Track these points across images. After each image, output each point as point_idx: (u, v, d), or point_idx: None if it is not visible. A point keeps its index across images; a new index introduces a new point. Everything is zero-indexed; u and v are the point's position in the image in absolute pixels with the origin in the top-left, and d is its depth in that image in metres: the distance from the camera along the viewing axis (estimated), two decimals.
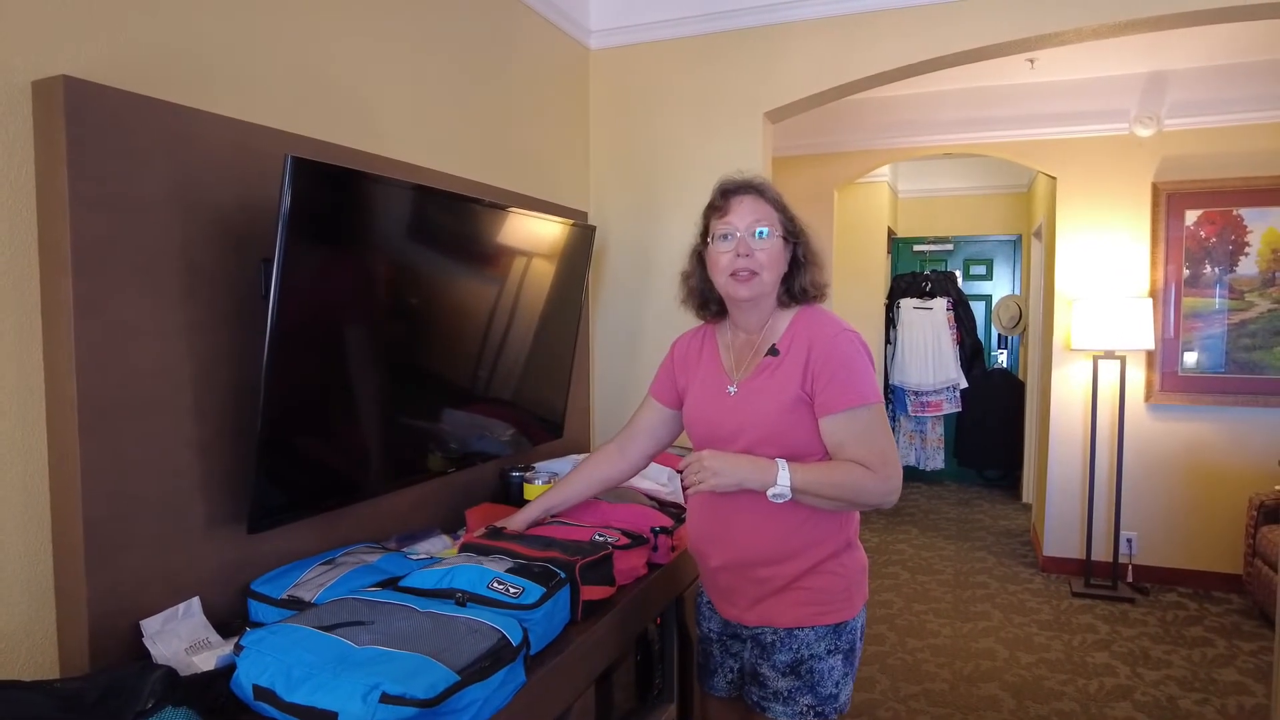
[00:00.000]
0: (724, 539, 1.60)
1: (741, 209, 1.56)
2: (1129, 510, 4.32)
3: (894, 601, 4.07)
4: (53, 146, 1.24)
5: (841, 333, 1.55)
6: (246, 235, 1.53)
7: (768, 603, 1.58)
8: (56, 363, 1.27)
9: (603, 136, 3.07)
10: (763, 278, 1.55)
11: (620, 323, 3.08)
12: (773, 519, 1.53)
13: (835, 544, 1.56)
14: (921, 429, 6.27)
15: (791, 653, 1.56)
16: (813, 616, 1.55)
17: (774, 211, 1.57)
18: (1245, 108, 4.06)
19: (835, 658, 1.57)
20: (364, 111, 1.94)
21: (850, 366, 1.51)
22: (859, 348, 1.54)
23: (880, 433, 1.51)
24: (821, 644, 1.56)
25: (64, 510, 1.29)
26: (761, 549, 1.55)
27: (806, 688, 1.56)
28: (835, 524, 1.56)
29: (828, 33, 2.74)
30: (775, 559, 1.55)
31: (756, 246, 1.54)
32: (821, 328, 1.56)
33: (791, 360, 1.54)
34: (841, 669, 1.58)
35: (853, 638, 1.59)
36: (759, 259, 1.54)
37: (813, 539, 1.54)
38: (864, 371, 1.52)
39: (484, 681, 1.18)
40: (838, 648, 1.57)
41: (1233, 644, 3.57)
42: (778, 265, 1.56)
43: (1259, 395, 4.09)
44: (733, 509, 1.57)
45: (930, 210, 6.98)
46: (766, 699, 1.58)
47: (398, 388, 1.85)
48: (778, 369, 1.55)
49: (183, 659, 1.32)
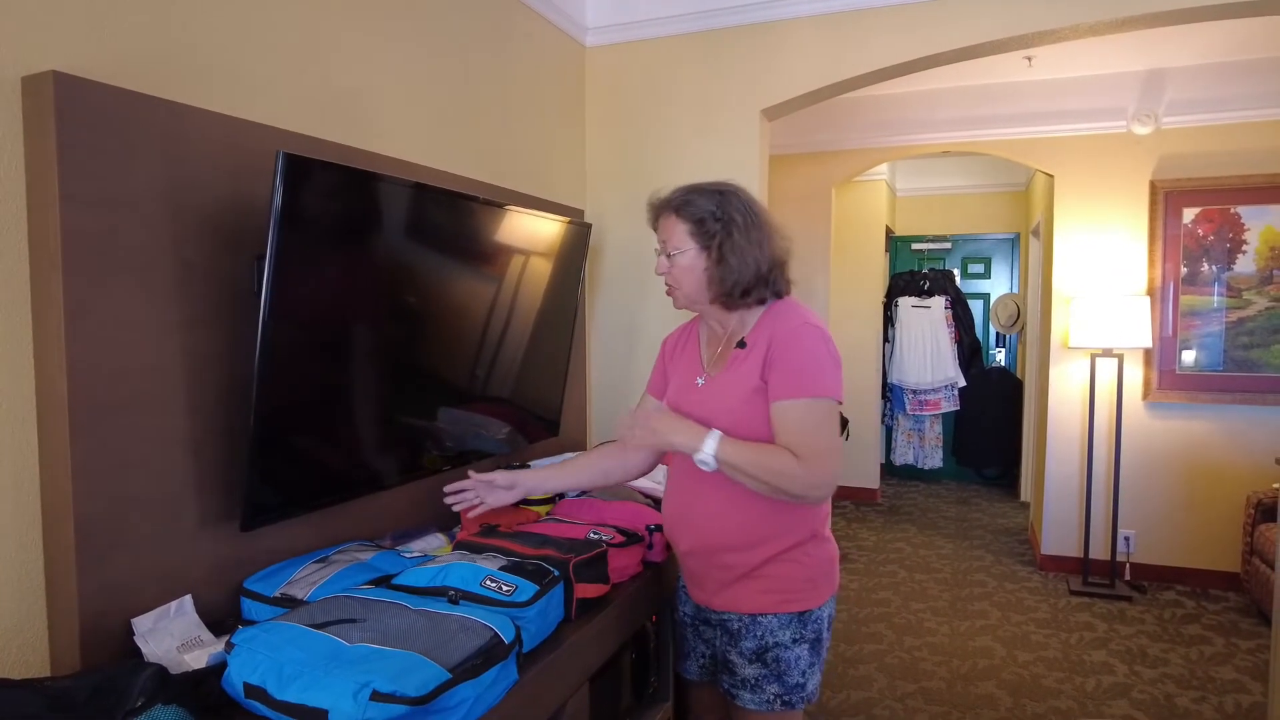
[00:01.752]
0: (691, 524, 1.65)
1: (661, 229, 1.66)
2: (1127, 508, 4.32)
3: (891, 600, 4.07)
4: (43, 143, 1.24)
5: (803, 325, 1.57)
6: (239, 232, 1.52)
7: (733, 588, 1.62)
8: (47, 360, 1.27)
9: (599, 134, 3.07)
10: (682, 291, 1.64)
11: (617, 320, 3.07)
12: (737, 506, 1.57)
13: (799, 534, 1.60)
14: (920, 427, 6.27)
15: (756, 640, 1.60)
16: (776, 604, 1.59)
17: (687, 226, 1.60)
18: (1243, 106, 4.06)
19: (801, 647, 1.60)
20: (358, 108, 1.94)
21: (805, 358, 1.53)
22: (819, 341, 1.56)
23: (821, 427, 1.52)
24: (786, 632, 1.59)
25: (55, 508, 1.28)
26: (726, 535, 1.60)
27: (773, 676, 1.59)
28: (799, 515, 1.59)
29: (824, 30, 2.74)
30: (739, 546, 1.59)
31: (668, 265, 1.63)
32: (786, 320, 1.59)
33: (756, 352, 1.58)
34: (808, 659, 1.61)
35: (819, 627, 1.62)
36: (673, 276, 1.63)
37: (777, 528, 1.58)
38: (818, 364, 1.54)
39: (475, 679, 1.18)
40: (803, 637, 1.60)
41: (1230, 642, 3.56)
42: (690, 279, 1.61)
43: (1257, 394, 4.09)
44: (698, 495, 1.62)
45: (928, 208, 6.98)
46: (736, 686, 1.63)
47: (392, 385, 1.85)
48: (744, 361, 1.59)
49: (175, 657, 1.32)
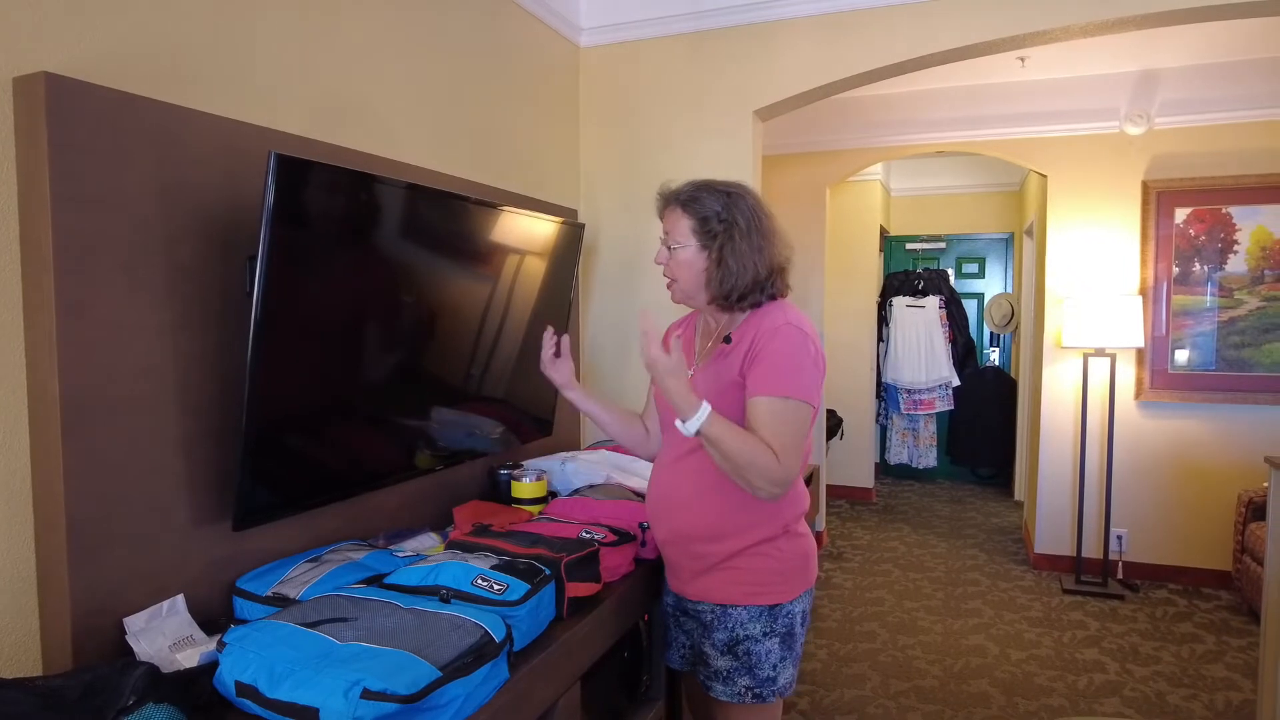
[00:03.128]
0: (667, 513, 1.68)
1: (666, 220, 1.67)
2: (1119, 507, 4.34)
3: (885, 599, 4.08)
4: (35, 144, 1.24)
5: (786, 325, 1.56)
6: (232, 233, 1.53)
7: (705, 578, 1.64)
8: (39, 361, 1.27)
9: (593, 134, 3.07)
10: (679, 285, 1.66)
11: (610, 319, 3.08)
12: (707, 498, 1.59)
13: (771, 529, 1.61)
14: (914, 427, 6.29)
15: (727, 631, 1.62)
16: (746, 595, 1.61)
17: (691, 222, 1.61)
18: (1235, 106, 4.08)
19: (772, 640, 1.61)
20: (351, 109, 1.94)
21: (783, 358, 1.53)
22: (800, 342, 1.55)
23: (791, 428, 1.51)
24: (756, 625, 1.61)
25: (47, 508, 1.28)
26: (696, 525, 1.62)
27: (744, 669, 1.61)
28: (769, 510, 1.61)
29: (817, 30, 2.75)
30: (708, 536, 1.61)
31: (668, 257, 1.65)
32: (771, 318, 1.59)
33: (739, 348, 1.59)
34: (779, 652, 1.62)
35: (790, 622, 1.63)
36: (672, 268, 1.65)
37: (747, 522, 1.60)
38: (796, 365, 1.53)
39: (466, 678, 1.18)
40: (774, 630, 1.62)
41: (1221, 640, 3.58)
42: (688, 274, 1.63)
43: (1248, 393, 4.11)
44: (673, 485, 1.65)
45: (923, 208, 6.99)
46: (709, 678, 1.66)
47: (385, 385, 1.85)
48: (727, 356, 1.61)
49: (166, 656, 1.32)
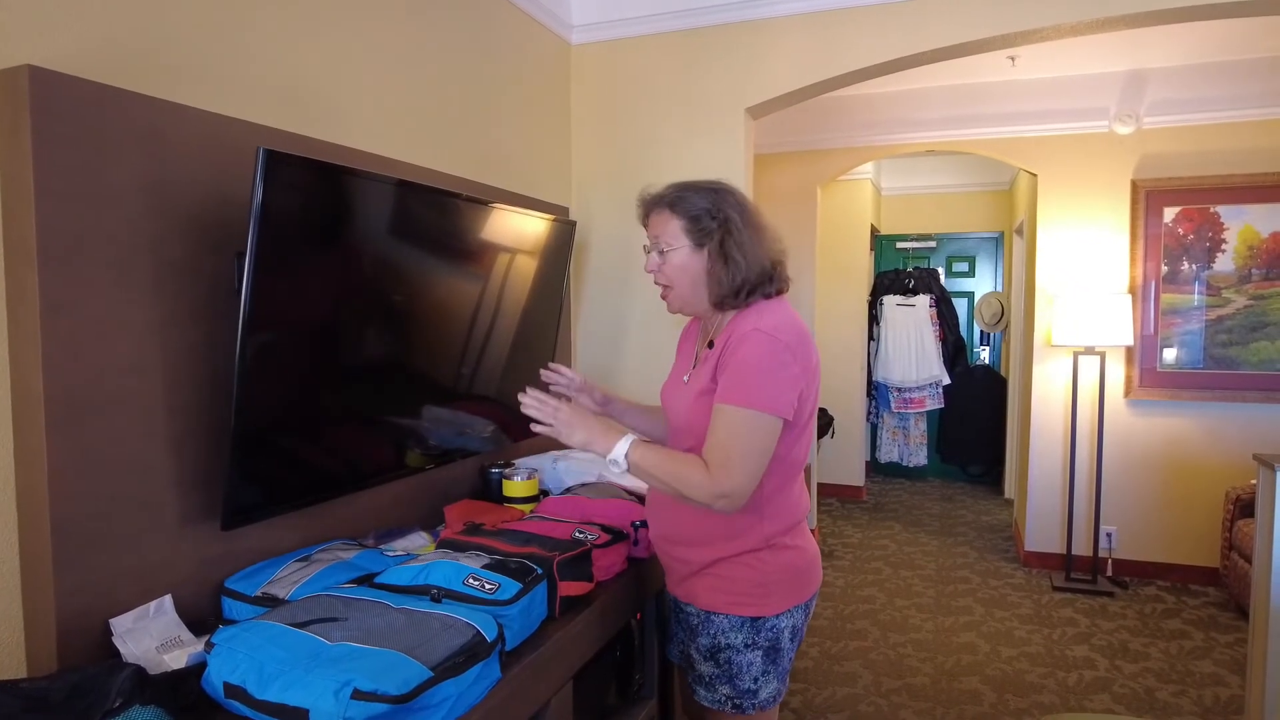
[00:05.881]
0: (654, 514, 1.70)
1: (652, 225, 1.60)
2: (1109, 505, 4.36)
3: (876, 597, 4.09)
4: (17, 138, 1.22)
5: (754, 331, 1.47)
6: (220, 229, 1.51)
7: (690, 581, 1.64)
8: (22, 358, 1.25)
9: (584, 131, 3.06)
10: (675, 291, 1.59)
11: (603, 318, 3.07)
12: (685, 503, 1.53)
13: (751, 541, 1.57)
14: (904, 425, 6.31)
15: (710, 637, 1.61)
16: (726, 604, 1.59)
17: (681, 222, 1.55)
18: (1223, 106, 4.11)
19: (754, 653, 1.58)
20: (341, 105, 1.92)
21: (747, 366, 1.45)
22: (769, 348, 1.46)
23: (741, 438, 1.43)
24: (738, 635, 1.58)
25: (31, 508, 1.27)
26: (680, 529, 1.63)
27: (725, 678, 1.60)
28: (746, 522, 1.56)
29: (809, 28, 2.74)
30: (690, 541, 1.61)
31: (660, 263, 1.58)
32: (744, 323, 1.51)
33: (715, 353, 1.55)
34: (761, 666, 1.59)
35: (774, 636, 1.59)
36: (665, 274, 1.59)
37: (728, 531, 1.57)
38: (759, 374, 1.44)
39: (458, 678, 1.17)
40: (756, 643, 1.58)
41: (1210, 636, 3.61)
42: (684, 278, 1.57)
43: (1236, 391, 4.14)
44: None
45: (913, 207, 7.01)
46: (695, 681, 1.66)
47: (375, 383, 1.84)
48: (707, 362, 1.57)
49: (154, 657, 1.31)
